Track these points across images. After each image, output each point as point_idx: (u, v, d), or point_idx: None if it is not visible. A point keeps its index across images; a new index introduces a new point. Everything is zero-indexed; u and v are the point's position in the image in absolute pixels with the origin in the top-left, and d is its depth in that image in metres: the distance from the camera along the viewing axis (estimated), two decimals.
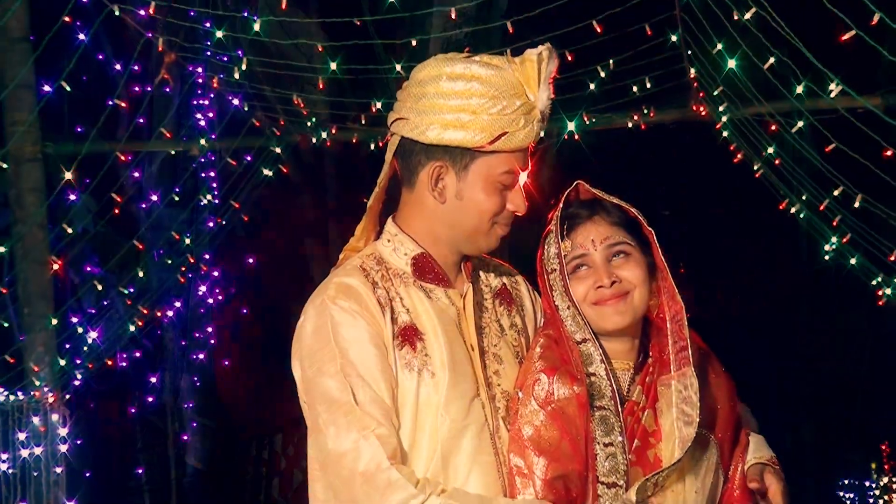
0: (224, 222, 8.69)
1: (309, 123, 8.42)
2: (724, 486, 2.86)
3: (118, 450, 10.43)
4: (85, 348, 7.20)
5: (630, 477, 2.69)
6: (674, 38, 7.04)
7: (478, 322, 2.84)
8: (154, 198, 8.37)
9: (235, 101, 8.09)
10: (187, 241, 8.37)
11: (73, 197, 7.23)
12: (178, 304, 8.83)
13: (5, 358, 6.73)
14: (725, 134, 7.70)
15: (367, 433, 2.56)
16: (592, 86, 7.43)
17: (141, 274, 7.79)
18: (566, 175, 2.95)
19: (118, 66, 7.74)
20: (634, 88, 7.63)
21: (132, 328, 7.80)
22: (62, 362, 6.83)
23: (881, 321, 12.22)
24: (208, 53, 7.29)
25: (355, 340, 2.66)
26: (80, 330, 7.19)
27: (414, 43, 6.50)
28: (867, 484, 19.11)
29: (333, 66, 6.93)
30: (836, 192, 6.70)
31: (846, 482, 17.85)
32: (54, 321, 6.78)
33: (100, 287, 7.60)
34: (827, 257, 7.52)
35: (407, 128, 2.74)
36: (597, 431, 2.70)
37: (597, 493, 2.68)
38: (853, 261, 7.16)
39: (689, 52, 7.14)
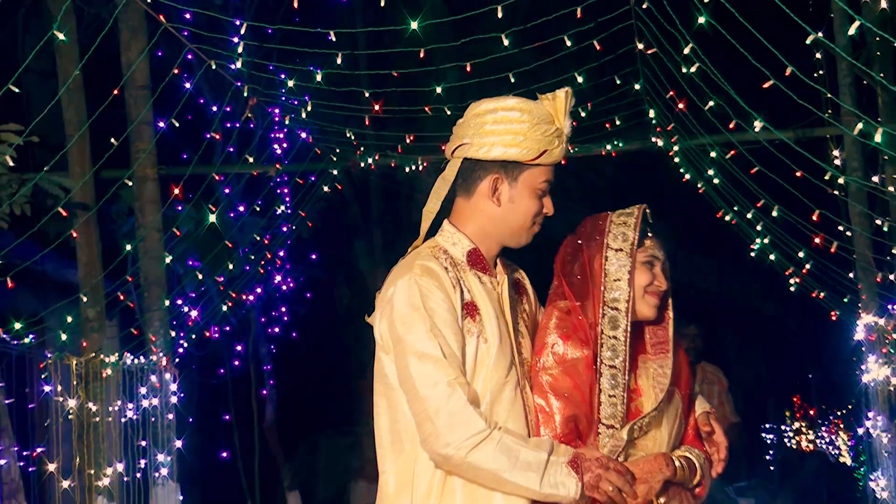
0: (294, 227, 8.75)
1: (358, 152, 8.48)
2: (683, 429, 2.94)
3: (214, 402, 10.49)
4: (189, 323, 7.28)
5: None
6: (637, 87, 7.08)
7: (510, 303, 2.88)
8: (241, 208, 8.44)
9: (303, 135, 8.17)
10: (266, 241, 8.43)
11: (179, 208, 7.31)
12: (259, 290, 8.88)
13: (131, 331, 6.83)
14: (676, 160, 7.75)
15: (452, 380, 2.59)
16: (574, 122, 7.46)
17: (231, 266, 7.84)
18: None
19: (214, 108, 7.83)
20: (607, 125, 7.68)
21: (224, 308, 7.86)
22: (172, 334, 6.91)
23: (794, 305, 12.21)
24: (283, 98, 7.35)
25: (438, 309, 2.67)
26: (185, 309, 7.27)
27: (439, 90, 6.51)
28: (783, 427, 19.14)
29: (377, 107, 6.97)
30: (758, 204, 6.74)
31: (767, 426, 17.88)
32: (167, 302, 6.85)
33: (200, 276, 7.66)
34: (752, 254, 7.56)
35: (471, 150, 2.79)
36: (605, 384, 2.77)
37: (597, 431, 2.75)
38: (772, 256, 7.18)
39: (649, 97, 7.18)
